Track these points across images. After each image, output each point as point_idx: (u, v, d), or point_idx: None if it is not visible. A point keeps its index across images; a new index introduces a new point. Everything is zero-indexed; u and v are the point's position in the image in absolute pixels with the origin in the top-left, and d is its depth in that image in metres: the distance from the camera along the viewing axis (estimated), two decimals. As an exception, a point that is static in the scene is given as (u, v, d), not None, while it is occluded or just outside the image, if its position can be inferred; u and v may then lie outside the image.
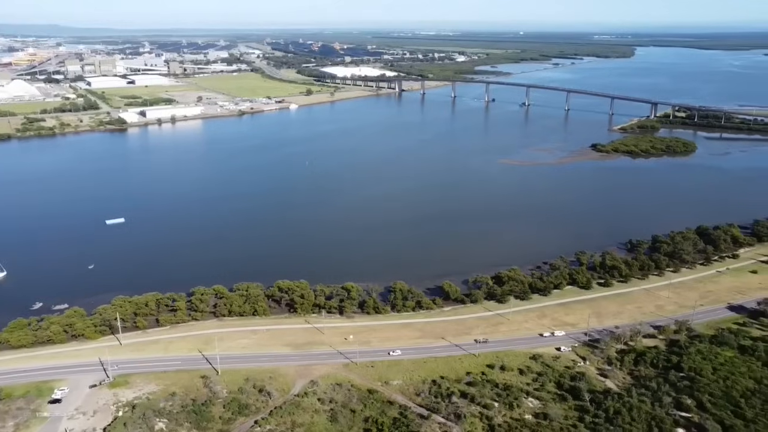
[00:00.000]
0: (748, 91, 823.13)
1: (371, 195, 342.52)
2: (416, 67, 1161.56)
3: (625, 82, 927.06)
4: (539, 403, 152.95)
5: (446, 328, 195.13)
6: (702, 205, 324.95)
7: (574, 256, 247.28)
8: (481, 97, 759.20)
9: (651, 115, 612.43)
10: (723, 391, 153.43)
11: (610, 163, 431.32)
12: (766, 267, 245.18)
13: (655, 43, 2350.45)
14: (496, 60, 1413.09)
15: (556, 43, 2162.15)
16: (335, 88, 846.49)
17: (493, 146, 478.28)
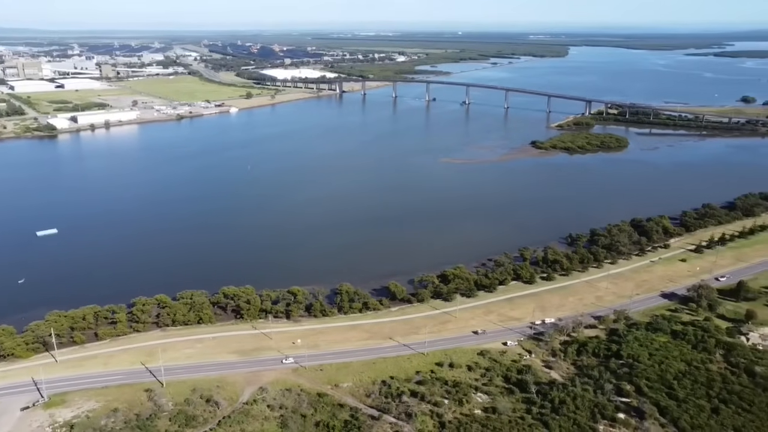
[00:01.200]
0: (672, 89, 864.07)
1: (314, 197, 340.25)
2: (357, 68, 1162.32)
3: (560, 81, 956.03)
4: (488, 398, 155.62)
5: (394, 328, 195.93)
6: (635, 198, 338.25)
7: (517, 251, 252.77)
8: (422, 97, 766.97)
9: (585, 112, 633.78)
10: (658, 375, 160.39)
11: (548, 159, 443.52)
12: (693, 255, 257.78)
13: (587, 43, 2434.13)
14: (435, 60, 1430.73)
15: (494, 42, 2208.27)
16: (276, 90, 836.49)
17: (435, 145, 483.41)
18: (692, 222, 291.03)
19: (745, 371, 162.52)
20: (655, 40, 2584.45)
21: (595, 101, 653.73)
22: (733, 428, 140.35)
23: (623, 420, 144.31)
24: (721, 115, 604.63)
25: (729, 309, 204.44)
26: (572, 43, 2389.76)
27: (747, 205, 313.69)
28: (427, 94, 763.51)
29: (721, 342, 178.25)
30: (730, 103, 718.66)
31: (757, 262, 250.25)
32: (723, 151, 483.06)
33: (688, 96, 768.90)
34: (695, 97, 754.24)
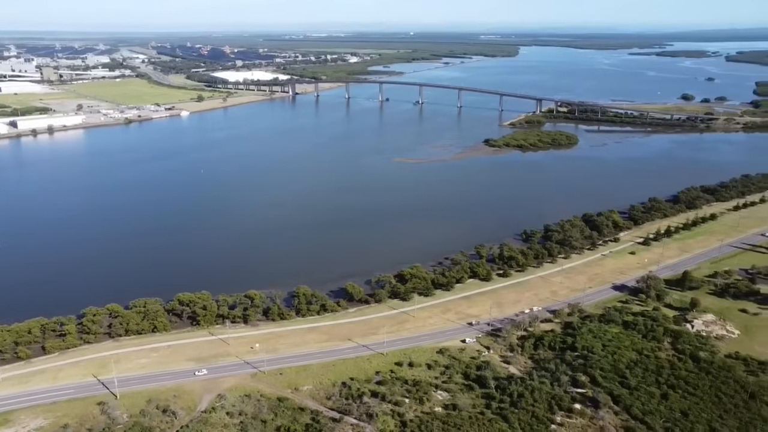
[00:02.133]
0: (618, 87, 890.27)
1: (269, 200, 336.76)
2: (309, 70, 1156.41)
3: (511, 80, 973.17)
4: (448, 395, 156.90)
5: (353, 329, 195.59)
6: (586, 193, 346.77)
7: (473, 249, 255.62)
8: (375, 97, 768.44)
9: (536, 110, 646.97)
10: (611, 365, 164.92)
11: (502, 157, 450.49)
12: (641, 248, 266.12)
13: (536, 43, 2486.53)
14: (388, 60, 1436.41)
15: (446, 43, 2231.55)
16: (227, 93, 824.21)
17: (389, 146, 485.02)
18: (640, 215, 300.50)
19: (690, 357, 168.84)
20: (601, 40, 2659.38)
21: (545, 99, 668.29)
22: (680, 411, 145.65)
23: (579, 410, 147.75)
24: (663, 112, 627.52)
25: (675, 298, 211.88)
26: (522, 43, 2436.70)
27: (689, 198, 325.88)
28: (381, 95, 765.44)
29: (669, 330, 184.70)
30: (671, 100, 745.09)
31: (700, 253, 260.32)
32: (666, 147, 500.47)
33: (633, 94, 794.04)
34: (640, 95, 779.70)
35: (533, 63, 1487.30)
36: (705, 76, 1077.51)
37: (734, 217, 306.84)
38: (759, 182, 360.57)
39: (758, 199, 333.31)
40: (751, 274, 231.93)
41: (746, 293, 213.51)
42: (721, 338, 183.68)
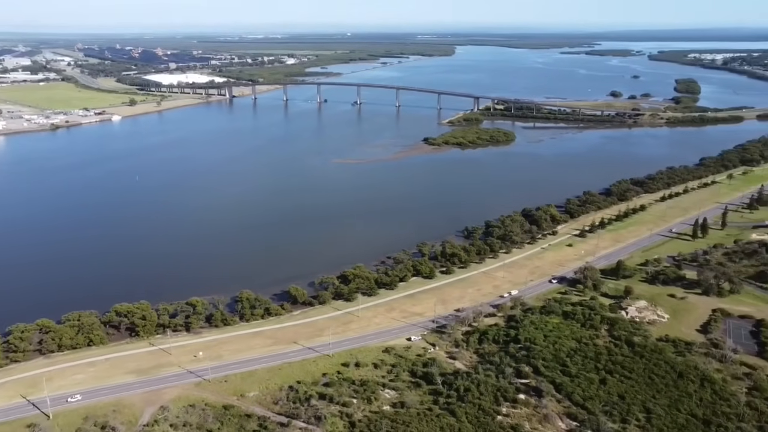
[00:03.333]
0: (551, 85, 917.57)
1: (209, 205, 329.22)
2: (246, 72, 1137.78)
3: (449, 78, 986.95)
4: (396, 393, 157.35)
5: (298, 332, 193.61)
6: (525, 188, 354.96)
7: (416, 247, 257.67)
8: (314, 99, 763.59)
9: (474, 108, 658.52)
10: (553, 355, 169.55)
11: (441, 155, 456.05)
12: (578, 240, 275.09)
13: (472, 43, 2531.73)
14: (326, 61, 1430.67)
15: (383, 43, 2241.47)
16: (162, 96, 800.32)
17: (329, 147, 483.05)
18: (575, 209, 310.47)
19: (625, 342, 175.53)
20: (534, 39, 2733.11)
21: (482, 98, 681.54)
22: (618, 395, 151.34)
23: (524, 400, 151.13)
24: (594, 109, 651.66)
25: (611, 287, 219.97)
26: (458, 42, 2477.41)
27: (621, 191, 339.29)
28: (319, 96, 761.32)
29: (605, 318, 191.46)
30: (601, 97, 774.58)
31: (632, 242, 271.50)
32: (598, 142, 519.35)
33: (565, 91, 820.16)
34: (572, 92, 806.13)
35: (469, 62, 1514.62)
36: (631, 74, 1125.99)
37: (661, 207, 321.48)
38: (682, 174, 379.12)
39: (682, 189, 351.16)
40: (677, 261, 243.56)
41: (674, 279, 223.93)
42: (652, 323, 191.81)
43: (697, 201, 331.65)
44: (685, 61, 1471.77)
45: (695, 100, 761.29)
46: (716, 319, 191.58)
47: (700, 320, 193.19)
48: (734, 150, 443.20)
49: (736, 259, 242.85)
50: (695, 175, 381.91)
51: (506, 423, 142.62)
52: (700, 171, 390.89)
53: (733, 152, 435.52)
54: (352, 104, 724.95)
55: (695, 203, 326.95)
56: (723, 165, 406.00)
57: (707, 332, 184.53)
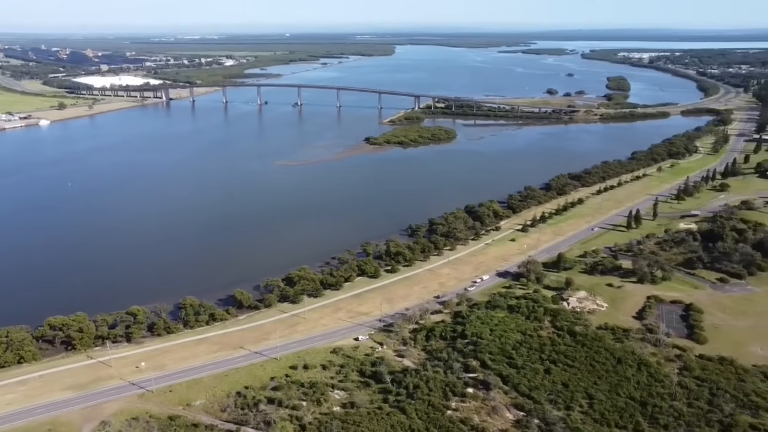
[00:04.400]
0: (490, 83, 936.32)
1: (148, 211, 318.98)
2: (183, 74, 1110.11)
3: (389, 78, 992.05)
4: (345, 394, 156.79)
5: (244, 337, 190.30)
6: (467, 185, 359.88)
7: (360, 247, 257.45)
8: (254, 101, 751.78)
9: (415, 107, 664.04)
10: (499, 348, 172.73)
11: (383, 154, 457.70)
12: (521, 234, 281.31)
13: (411, 42, 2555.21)
14: (265, 62, 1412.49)
15: (323, 43, 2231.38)
16: (93, 99, 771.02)
17: (270, 149, 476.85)
18: (517, 204, 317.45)
19: (568, 332, 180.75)
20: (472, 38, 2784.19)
21: (423, 96, 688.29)
22: (562, 383, 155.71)
23: (472, 394, 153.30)
24: (532, 106, 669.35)
25: (553, 279, 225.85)
26: (398, 42, 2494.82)
27: (559, 185, 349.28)
28: (259, 98, 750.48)
29: (548, 310, 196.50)
30: (538, 94, 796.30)
31: (571, 235, 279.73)
32: (536, 138, 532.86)
33: (504, 89, 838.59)
34: (510, 90, 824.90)
35: (409, 61, 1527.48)
36: (565, 72, 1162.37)
37: (598, 200, 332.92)
38: (616, 168, 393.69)
39: (616, 183, 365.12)
40: (614, 252, 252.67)
41: (611, 269, 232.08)
42: (592, 312, 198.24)
43: (630, 193, 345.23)
44: (616, 59, 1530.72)
45: (626, 96, 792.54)
46: (650, 306, 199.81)
47: (636, 307, 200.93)
48: (662, 144, 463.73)
49: (666, 248, 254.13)
50: (628, 168, 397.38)
51: (456, 417, 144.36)
52: (632, 165, 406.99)
53: (661, 146, 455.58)
54: (293, 105, 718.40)
55: (628, 195, 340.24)
56: (652, 158, 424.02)
57: (642, 318, 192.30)
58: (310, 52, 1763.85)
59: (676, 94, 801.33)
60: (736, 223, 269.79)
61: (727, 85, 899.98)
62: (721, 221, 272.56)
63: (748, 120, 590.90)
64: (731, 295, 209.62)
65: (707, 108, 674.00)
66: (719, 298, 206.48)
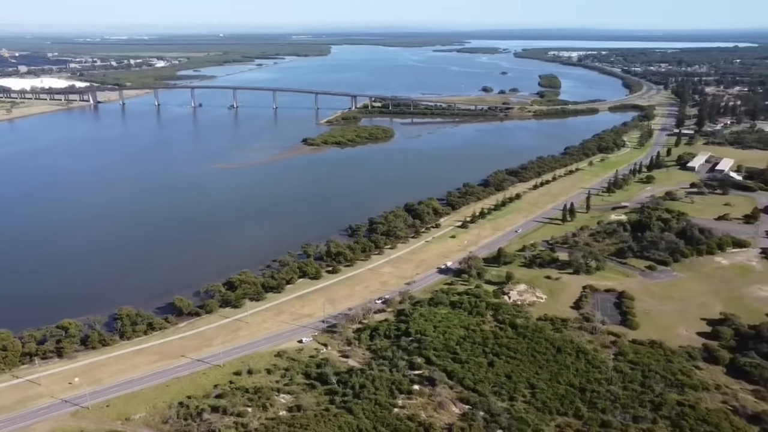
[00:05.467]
0: (426, 82, 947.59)
1: (78, 218, 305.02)
2: (111, 76, 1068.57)
3: (325, 78, 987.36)
4: (291, 397, 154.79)
5: (185, 345, 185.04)
6: (406, 184, 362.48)
7: (301, 249, 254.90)
8: (188, 103, 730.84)
9: (352, 107, 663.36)
10: (443, 344, 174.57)
11: (321, 155, 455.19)
12: (461, 231, 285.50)
13: (347, 42, 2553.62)
14: (198, 64, 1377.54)
15: (257, 44, 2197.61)
16: (12, 103, 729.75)
17: (207, 152, 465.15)
18: (456, 201, 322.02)
19: (509, 325, 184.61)
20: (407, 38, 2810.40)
21: (360, 96, 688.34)
22: (505, 375, 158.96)
23: (418, 391, 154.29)
24: (468, 103, 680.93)
25: (493, 274, 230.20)
26: (334, 42, 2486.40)
27: (497, 181, 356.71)
28: (193, 100, 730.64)
29: (490, 304, 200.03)
30: (474, 92, 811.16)
31: (510, 230, 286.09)
32: (473, 135, 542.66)
33: (440, 87, 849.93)
34: (446, 88, 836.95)
35: (345, 61, 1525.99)
36: (499, 71, 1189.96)
37: (534, 195, 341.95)
38: (550, 163, 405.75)
39: (551, 177, 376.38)
40: (551, 244, 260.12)
41: (549, 261, 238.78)
42: (532, 304, 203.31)
43: (564, 187, 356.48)
44: (546, 58, 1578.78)
45: (557, 94, 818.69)
46: (586, 295, 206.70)
47: (573, 297, 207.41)
48: (592, 139, 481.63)
49: (599, 239, 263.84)
50: (561, 163, 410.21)
51: (403, 414, 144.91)
52: (565, 159, 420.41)
53: (592, 141, 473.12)
54: (228, 108, 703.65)
55: (563, 190, 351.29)
56: (584, 153, 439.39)
57: (579, 308, 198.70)
58: (245, 52, 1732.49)
59: (604, 91, 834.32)
60: (661, 213, 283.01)
61: (649, 83, 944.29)
62: (648, 212, 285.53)
63: (669, 115, 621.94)
64: (659, 281, 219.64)
65: (632, 104, 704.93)
66: (648, 285, 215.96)
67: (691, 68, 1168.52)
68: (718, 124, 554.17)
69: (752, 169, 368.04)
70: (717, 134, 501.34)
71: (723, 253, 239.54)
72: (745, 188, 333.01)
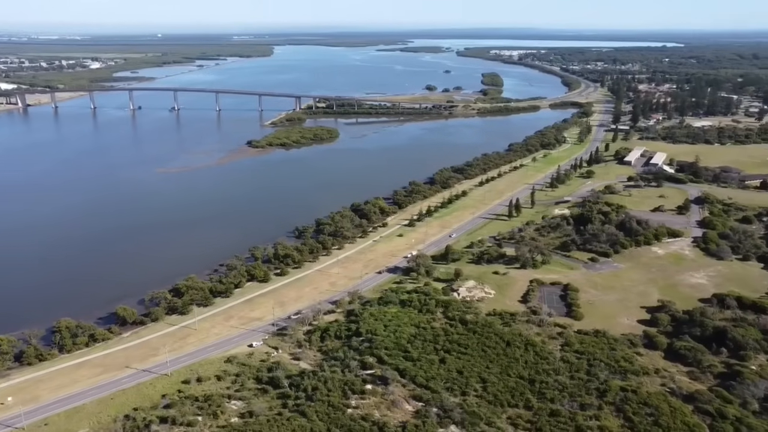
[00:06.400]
0: (371, 81, 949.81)
1: (6, 230, 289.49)
2: (41, 77, 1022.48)
3: (269, 79, 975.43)
4: (243, 403, 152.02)
5: (130, 355, 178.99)
6: (352, 184, 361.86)
7: (248, 252, 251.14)
8: (126, 106, 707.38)
9: (296, 108, 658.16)
10: (394, 343, 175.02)
11: (267, 157, 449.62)
12: (408, 229, 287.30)
13: (290, 42, 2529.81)
14: (136, 65, 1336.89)
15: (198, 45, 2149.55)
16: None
17: (149, 156, 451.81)
18: (403, 199, 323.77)
19: (459, 321, 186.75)
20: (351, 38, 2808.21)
21: (304, 96, 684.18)
22: (457, 371, 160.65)
23: (371, 390, 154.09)
24: (413, 102, 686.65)
25: (442, 271, 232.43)
26: (276, 42, 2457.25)
27: (443, 179, 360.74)
28: (132, 103, 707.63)
29: (440, 301, 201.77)
30: (418, 91, 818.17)
31: (457, 227, 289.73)
32: (418, 133, 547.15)
33: (384, 87, 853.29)
34: (390, 88, 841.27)
35: (289, 62, 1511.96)
36: (443, 69, 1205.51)
37: (480, 191, 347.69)
38: (495, 160, 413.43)
39: (496, 174, 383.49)
40: (498, 240, 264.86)
41: (496, 257, 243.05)
42: (481, 300, 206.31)
43: (509, 184, 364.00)
44: (488, 56, 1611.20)
45: (500, 91, 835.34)
46: (533, 289, 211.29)
47: (520, 291, 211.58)
48: (535, 136, 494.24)
49: (544, 233, 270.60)
50: (506, 159, 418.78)
51: (357, 414, 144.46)
52: (509, 156, 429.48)
53: (535, 138, 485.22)
54: (169, 110, 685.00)
55: (508, 186, 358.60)
56: (527, 149, 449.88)
57: (527, 301, 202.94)
58: (185, 53, 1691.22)
59: (544, 89, 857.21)
60: (602, 206, 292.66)
61: (586, 81, 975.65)
62: (589, 205, 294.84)
63: (606, 112, 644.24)
64: (601, 272, 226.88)
65: (572, 101, 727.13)
66: (591, 277, 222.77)
67: (624, 66, 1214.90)
68: (651, 120, 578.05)
69: (683, 163, 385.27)
70: (650, 130, 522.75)
71: (659, 243, 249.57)
72: (677, 181, 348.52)
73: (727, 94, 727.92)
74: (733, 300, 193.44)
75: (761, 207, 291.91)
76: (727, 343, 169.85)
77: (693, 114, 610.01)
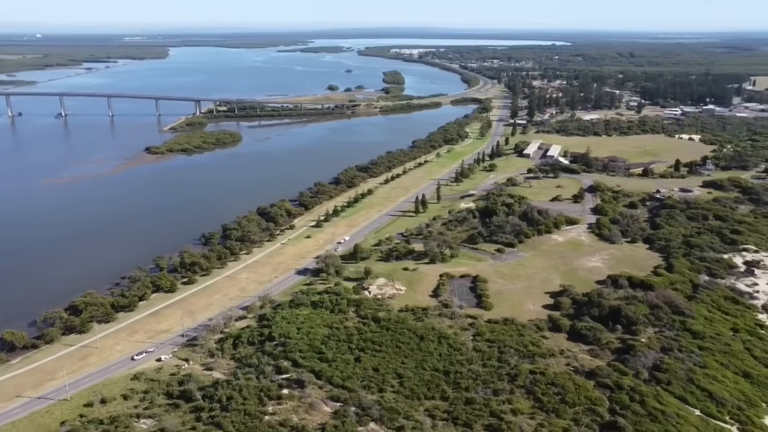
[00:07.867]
0: (272, 83, 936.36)
1: None
2: None
3: (165, 82, 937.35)
4: (153, 421, 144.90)
5: (20, 383, 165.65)
6: (258, 187, 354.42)
7: (152, 262, 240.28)
8: (3, 113, 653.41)
9: (196, 112, 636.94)
10: (308, 345, 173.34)
11: (167, 163, 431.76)
12: (315, 230, 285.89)
13: (186, 44, 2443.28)
14: (13, 67, 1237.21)
15: (85, 46, 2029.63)
16: None
17: (32, 166, 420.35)
18: (309, 200, 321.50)
19: (372, 320, 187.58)
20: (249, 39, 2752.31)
21: (204, 100, 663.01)
22: (372, 369, 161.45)
23: (288, 394, 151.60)
24: (315, 103, 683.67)
25: (352, 270, 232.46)
26: (171, 44, 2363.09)
27: (348, 178, 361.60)
28: (10, 109, 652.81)
29: (351, 300, 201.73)
30: (320, 91, 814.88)
31: (364, 226, 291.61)
32: (322, 134, 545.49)
33: (286, 88, 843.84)
34: (292, 89, 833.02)
35: (186, 64, 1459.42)
36: (344, 69, 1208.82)
37: (386, 189, 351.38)
38: (400, 157, 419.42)
39: (401, 171, 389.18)
40: (406, 237, 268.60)
41: (405, 253, 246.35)
42: (393, 297, 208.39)
43: (415, 180, 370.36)
44: (389, 55, 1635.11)
45: (401, 89, 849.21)
46: (443, 283, 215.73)
47: (431, 286, 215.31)
48: (438, 132, 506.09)
49: (452, 227, 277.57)
50: (410, 156, 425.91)
51: (274, 421, 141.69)
52: (414, 153, 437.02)
53: (438, 134, 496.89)
54: (55, 116, 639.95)
55: (414, 182, 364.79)
56: (431, 146, 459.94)
57: (438, 295, 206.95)
58: (70, 56, 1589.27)
59: (445, 86, 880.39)
60: (505, 198, 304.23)
61: (485, 77, 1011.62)
62: (493, 198, 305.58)
63: (504, 107, 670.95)
64: (507, 262, 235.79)
65: (472, 97, 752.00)
66: (499, 267, 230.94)
67: (519, 64, 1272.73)
68: (545, 114, 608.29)
69: (575, 154, 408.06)
70: (545, 123, 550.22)
71: (558, 231, 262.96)
72: (572, 171, 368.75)
73: (610, 89, 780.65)
74: (625, 280, 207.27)
75: (644, 193, 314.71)
76: (621, 320, 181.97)
77: (582, 108, 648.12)
